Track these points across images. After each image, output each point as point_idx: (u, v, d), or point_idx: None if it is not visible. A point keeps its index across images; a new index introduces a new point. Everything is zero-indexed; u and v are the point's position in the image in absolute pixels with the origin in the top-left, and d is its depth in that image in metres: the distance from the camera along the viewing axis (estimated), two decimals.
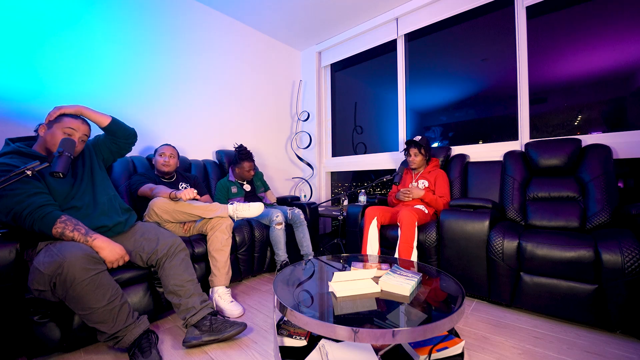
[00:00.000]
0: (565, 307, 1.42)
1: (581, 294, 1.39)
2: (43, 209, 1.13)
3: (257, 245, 2.09)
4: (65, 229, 1.14)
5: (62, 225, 1.14)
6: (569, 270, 1.40)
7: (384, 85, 3.46)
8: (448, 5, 2.53)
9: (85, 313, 1.10)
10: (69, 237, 1.15)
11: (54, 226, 1.13)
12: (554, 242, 1.46)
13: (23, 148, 1.24)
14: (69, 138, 1.17)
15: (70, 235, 1.15)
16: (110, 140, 1.52)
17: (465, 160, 2.32)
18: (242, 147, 2.41)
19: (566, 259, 1.40)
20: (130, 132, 1.55)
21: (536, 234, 1.55)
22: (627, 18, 1.98)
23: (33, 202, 1.13)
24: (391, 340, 0.85)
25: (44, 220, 1.12)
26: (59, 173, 1.05)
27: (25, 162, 1.19)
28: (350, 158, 3.44)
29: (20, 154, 1.23)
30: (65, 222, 1.15)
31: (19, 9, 1.74)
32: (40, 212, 1.12)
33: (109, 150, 1.54)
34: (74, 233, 1.16)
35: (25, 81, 1.76)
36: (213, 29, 2.77)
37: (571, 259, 1.39)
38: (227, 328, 1.32)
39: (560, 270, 1.42)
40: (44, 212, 1.13)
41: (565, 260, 1.40)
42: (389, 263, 1.47)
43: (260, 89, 3.22)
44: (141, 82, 2.29)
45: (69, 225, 1.16)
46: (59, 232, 1.14)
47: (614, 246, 1.31)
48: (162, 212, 1.65)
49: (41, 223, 1.12)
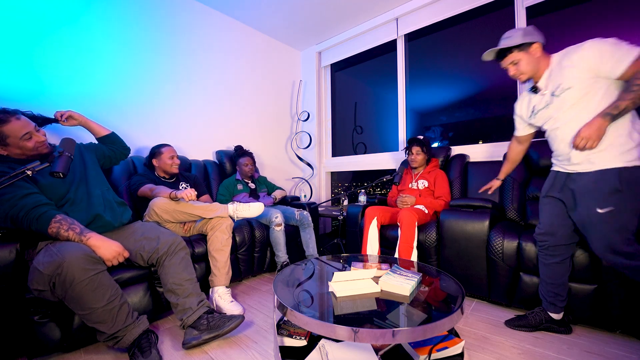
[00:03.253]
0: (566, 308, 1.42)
1: (580, 293, 1.39)
2: (37, 209, 1.13)
3: (257, 245, 2.09)
4: (60, 228, 1.14)
5: (57, 225, 1.14)
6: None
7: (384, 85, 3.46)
8: (448, 5, 2.53)
9: (84, 313, 1.10)
10: (63, 237, 1.15)
11: (49, 226, 1.13)
12: None
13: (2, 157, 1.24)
14: (69, 138, 1.18)
15: (65, 235, 1.15)
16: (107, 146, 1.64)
17: (465, 160, 2.32)
18: (239, 146, 2.58)
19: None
20: (126, 146, 1.74)
21: None
22: (627, 18, 1.98)
23: (26, 203, 1.13)
24: (391, 340, 0.85)
25: (40, 221, 1.12)
26: (59, 173, 1.05)
27: (12, 167, 1.19)
28: (350, 158, 3.44)
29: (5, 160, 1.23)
30: (60, 222, 1.15)
31: (19, 8, 1.74)
32: (35, 212, 1.13)
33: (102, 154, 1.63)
34: (68, 232, 1.16)
35: (24, 81, 1.76)
36: (213, 28, 2.77)
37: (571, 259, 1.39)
38: (226, 323, 1.32)
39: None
40: (39, 212, 1.13)
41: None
42: (389, 263, 1.47)
43: (260, 89, 3.22)
44: (141, 82, 2.28)
45: (64, 224, 1.16)
46: (54, 232, 1.14)
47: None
48: (162, 212, 1.65)
49: (37, 223, 1.12)
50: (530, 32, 1.28)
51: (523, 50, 1.28)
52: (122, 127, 2.15)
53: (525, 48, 1.28)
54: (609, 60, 1.10)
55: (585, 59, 1.16)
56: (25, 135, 1.22)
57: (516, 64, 1.31)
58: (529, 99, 1.41)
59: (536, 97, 1.36)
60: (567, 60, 1.21)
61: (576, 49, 1.19)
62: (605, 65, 1.12)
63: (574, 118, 1.22)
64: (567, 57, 1.21)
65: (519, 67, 1.31)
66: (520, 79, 1.34)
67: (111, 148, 1.66)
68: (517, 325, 1.43)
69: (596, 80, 1.16)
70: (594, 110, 1.15)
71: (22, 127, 1.22)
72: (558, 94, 1.24)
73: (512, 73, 1.35)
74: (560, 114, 1.26)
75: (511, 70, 1.34)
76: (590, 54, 1.15)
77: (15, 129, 1.20)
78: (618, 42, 1.11)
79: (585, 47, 1.16)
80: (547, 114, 1.31)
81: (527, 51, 1.28)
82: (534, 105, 1.37)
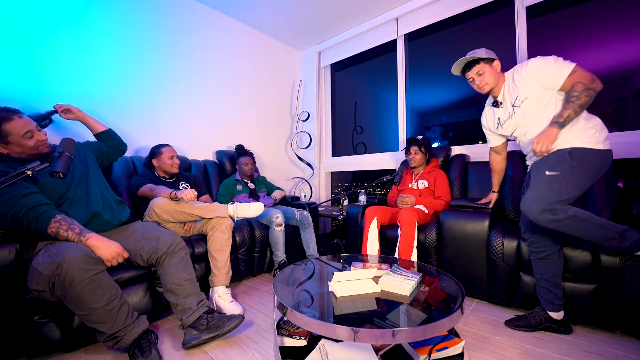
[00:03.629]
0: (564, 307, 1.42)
1: (580, 293, 1.39)
2: (37, 209, 1.13)
3: (257, 245, 2.09)
4: (60, 228, 1.14)
5: (57, 225, 1.14)
6: (568, 270, 1.40)
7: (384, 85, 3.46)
8: (448, 5, 2.53)
9: (84, 313, 1.10)
10: (63, 237, 1.15)
11: (48, 226, 1.13)
12: None
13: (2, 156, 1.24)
14: (69, 138, 1.18)
15: (65, 235, 1.15)
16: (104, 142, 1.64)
17: (465, 160, 2.32)
18: (240, 145, 2.58)
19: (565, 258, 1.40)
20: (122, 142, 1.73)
21: None
22: (627, 18, 1.98)
23: (26, 203, 1.13)
24: (391, 340, 0.85)
25: (39, 220, 1.12)
26: (59, 173, 1.05)
27: (12, 166, 1.19)
28: (350, 158, 3.44)
29: (5, 160, 1.23)
30: (59, 222, 1.15)
31: (19, 8, 1.74)
32: (35, 212, 1.12)
33: (100, 152, 1.62)
34: (68, 232, 1.16)
35: (24, 81, 1.76)
36: (213, 28, 2.77)
37: (570, 259, 1.39)
38: (225, 322, 1.32)
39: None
40: (39, 212, 1.13)
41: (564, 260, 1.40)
42: (389, 263, 1.47)
43: (260, 89, 3.22)
44: (141, 82, 2.28)
45: (63, 224, 1.15)
46: (53, 232, 1.14)
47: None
48: (162, 212, 1.65)
49: (37, 223, 1.12)
50: (491, 52, 1.50)
51: (487, 63, 1.48)
52: (122, 127, 2.15)
53: (489, 62, 1.48)
54: (550, 74, 1.31)
55: (531, 73, 1.36)
56: (27, 134, 1.23)
57: (481, 74, 1.49)
58: (492, 113, 1.60)
59: (499, 110, 1.55)
60: (517, 75, 1.42)
61: (523, 65, 1.41)
62: (547, 78, 1.32)
63: (536, 124, 1.40)
64: (517, 73, 1.43)
65: (484, 77, 1.49)
66: (484, 89, 1.52)
67: (108, 144, 1.67)
68: (517, 325, 1.44)
69: (544, 90, 1.36)
70: (551, 117, 1.34)
71: (24, 125, 1.23)
72: (518, 104, 1.43)
73: (477, 83, 1.52)
74: (524, 121, 1.44)
75: (476, 80, 1.51)
76: (534, 69, 1.35)
77: (17, 127, 1.21)
78: (557, 59, 1.32)
79: (530, 64, 1.38)
80: (513, 123, 1.49)
81: (491, 65, 1.49)
82: (499, 117, 1.56)
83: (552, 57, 1.33)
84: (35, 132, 1.26)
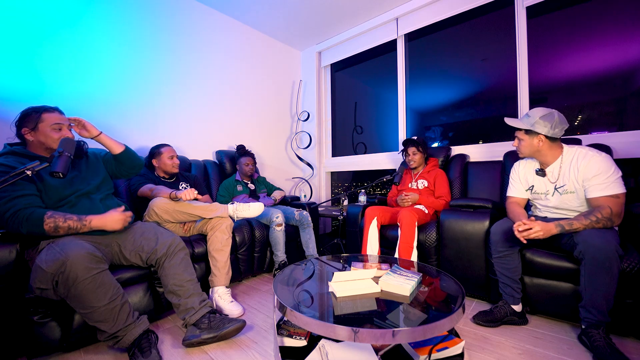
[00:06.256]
0: (564, 307, 1.42)
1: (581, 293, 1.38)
2: (24, 211, 1.12)
3: (257, 245, 2.09)
4: (57, 221, 1.14)
5: (52, 219, 1.14)
6: (568, 270, 1.40)
7: (384, 85, 3.46)
8: (448, 5, 2.53)
9: (86, 312, 1.10)
10: (64, 228, 1.15)
11: (44, 223, 1.12)
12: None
13: (17, 149, 1.25)
14: (69, 138, 1.18)
15: (65, 226, 1.15)
16: (115, 164, 1.54)
17: (465, 160, 2.32)
18: (241, 145, 2.57)
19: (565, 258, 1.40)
20: (137, 164, 1.59)
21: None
22: (627, 18, 1.98)
23: (14, 204, 1.11)
24: (391, 340, 0.85)
25: (30, 221, 1.11)
26: (58, 173, 1.05)
27: (22, 161, 1.19)
28: (350, 158, 3.44)
29: (15, 154, 1.23)
30: (53, 216, 1.15)
31: (19, 8, 1.74)
32: (23, 213, 1.11)
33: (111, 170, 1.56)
34: (67, 222, 1.16)
35: (25, 81, 1.76)
36: (213, 28, 2.77)
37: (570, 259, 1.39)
38: (226, 325, 1.32)
39: (560, 271, 1.41)
40: (27, 213, 1.11)
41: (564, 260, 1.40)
42: (389, 263, 1.47)
43: (260, 89, 3.22)
44: (141, 82, 2.28)
45: (59, 217, 1.16)
46: (52, 227, 1.13)
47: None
48: (162, 212, 1.65)
49: (28, 224, 1.11)
50: (542, 123, 1.36)
51: (528, 134, 1.41)
52: (122, 127, 2.15)
53: (530, 133, 1.40)
54: (598, 180, 1.27)
55: (588, 168, 1.31)
56: (56, 125, 1.27)
57: (521, 139, 1.45)
58: (532, 174, 1.53)
59: (538, 178, 1.49)
60: (575, 163, 1.35)
61: (587, 155, 1.33)
62: (592, 181, 1.29)
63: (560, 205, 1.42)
64: (578, 160, 1.35)
65: (520, 146, 1.47)
66: (519, 155, 1.51)
67: (119, 169, 1.56)
68: (485, 321, 1.47)
69: (582, 185, 1.34)
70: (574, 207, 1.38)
71: (58, 118, 1.30)
72: (561, 192, 1.41)
73: (515, 145, 1.50)
74: (555, 203, 1.44)
75: (515, 142, 1.50)
76: (593, 166, 1.29)
77: (52, 118, 1.28)
78: (618, 172, 1.28)
79: (593, 159, 1.31)
80: (545, 202, 1.48)
81: (531, 137, 1.41)
82: (534, 184, 1.51)
83: (615, 168, 1.28)
84: (64, 127, 1.30)
